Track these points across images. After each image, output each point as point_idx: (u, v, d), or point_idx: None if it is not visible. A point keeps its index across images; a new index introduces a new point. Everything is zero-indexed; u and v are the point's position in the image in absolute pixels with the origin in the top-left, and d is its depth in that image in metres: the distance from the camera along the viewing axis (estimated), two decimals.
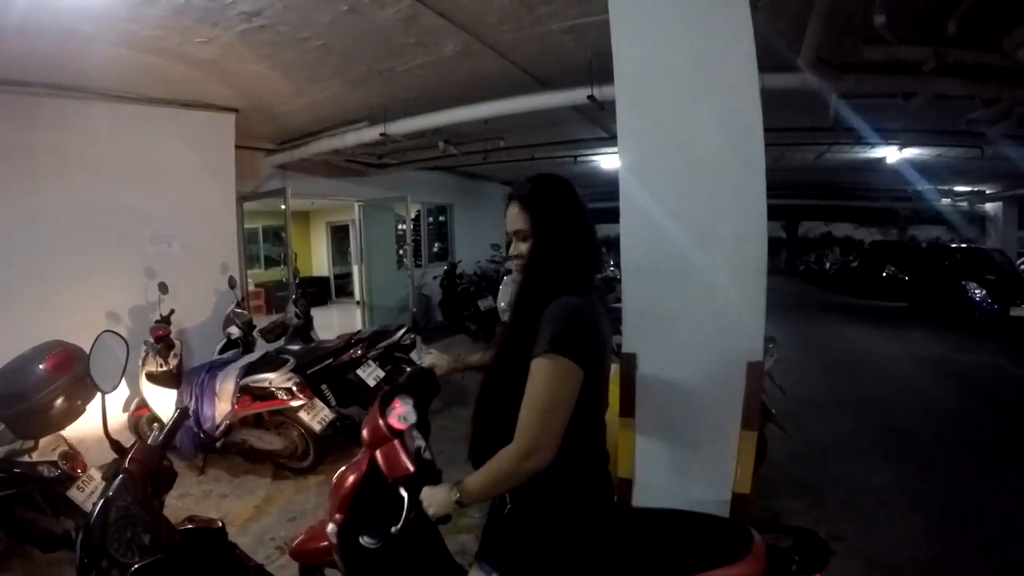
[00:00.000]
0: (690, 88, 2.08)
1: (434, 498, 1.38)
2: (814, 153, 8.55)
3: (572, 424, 1.32)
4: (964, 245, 13.01)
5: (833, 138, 6.92)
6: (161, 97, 5.16)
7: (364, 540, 1.54)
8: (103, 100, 4.91)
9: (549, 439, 1.28)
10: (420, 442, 1.62)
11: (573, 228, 1.45)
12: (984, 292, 9.46)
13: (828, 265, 18.94)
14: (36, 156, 4.66)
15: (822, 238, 23.52)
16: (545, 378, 1.29)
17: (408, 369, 3.98)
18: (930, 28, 3.45)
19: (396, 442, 1.59)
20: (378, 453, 1.61)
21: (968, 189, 13.17)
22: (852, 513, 3.39)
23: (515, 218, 1.47)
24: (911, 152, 8.02)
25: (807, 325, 10.41)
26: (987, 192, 13.09)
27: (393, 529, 1.45)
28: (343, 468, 1.81)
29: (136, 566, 1.33)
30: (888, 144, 7.37)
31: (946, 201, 14.02)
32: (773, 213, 20.47)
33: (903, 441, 4.55)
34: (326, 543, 1.78)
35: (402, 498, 1.49)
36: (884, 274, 14.41)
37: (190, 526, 1.62)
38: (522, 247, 1.48)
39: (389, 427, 1.64)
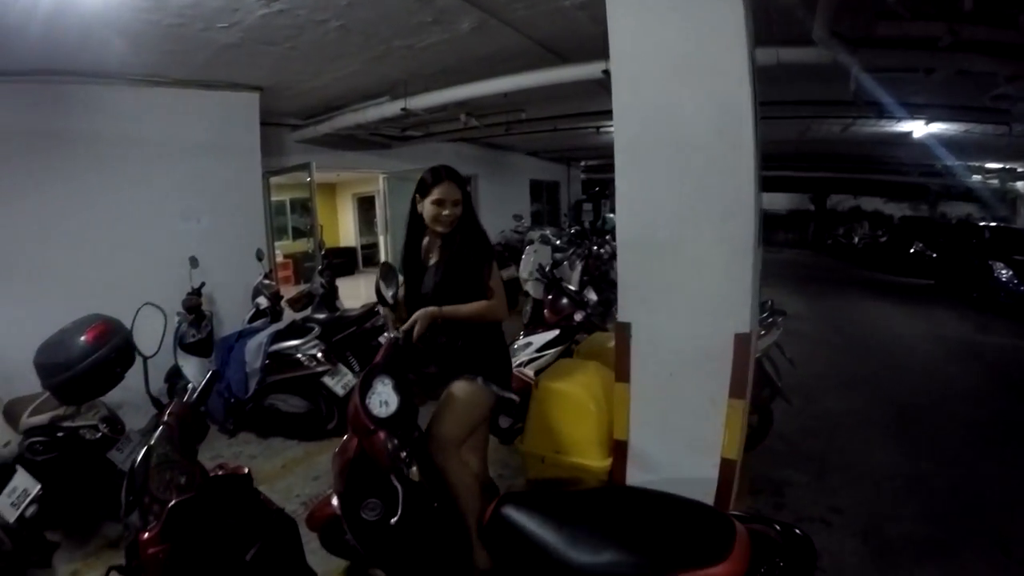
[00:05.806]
0: (682, 68, 2.15)
1: (421, 316, 2.13)
2: (840, 126, 8.37)
3: None
4: (993, 223, 12.61)
5: (856, 112, 6.79)
6: (186, 79, 5.26)
7: (365, 514, 1.78)
8: (130, 85, 5.02)
9: (506, 308, 2.42)
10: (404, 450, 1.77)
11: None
12: (1011, 273, 9.17)
13: (856, 239, 18.34)
14: (70, 141, 4.79)
15: (851, 212, 22.84)
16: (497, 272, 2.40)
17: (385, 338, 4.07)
18: (945, 4, 3.39)
19: (381, 435, 1.73)
20: (367, 443, 1.75)
21: (999, 166, 12.74)
22: (854, 487, 3.40)
23: (453, 190, 2.35)
24: (937, 127, 7.80)
25: (830, 300, 10.31)
26: (1018, 170, 12.68)
27: (392, 520, 1.64)
28: (340, 443, 1.96)
29: (173, 502, 1.52)
30: (913, 118, 7.18)
31: (976, 178, 13.59)
32: (801, 185, 20.08)
33: (915, 420, 4.50)
34: (334, 511, 1.95)
35: (395, 488, 1.64)
36: (912, 250, 13.99)
37: (220, 472, 1.82)
38: (457, 210, 2.36)
39: (370, 415, 1.76)
